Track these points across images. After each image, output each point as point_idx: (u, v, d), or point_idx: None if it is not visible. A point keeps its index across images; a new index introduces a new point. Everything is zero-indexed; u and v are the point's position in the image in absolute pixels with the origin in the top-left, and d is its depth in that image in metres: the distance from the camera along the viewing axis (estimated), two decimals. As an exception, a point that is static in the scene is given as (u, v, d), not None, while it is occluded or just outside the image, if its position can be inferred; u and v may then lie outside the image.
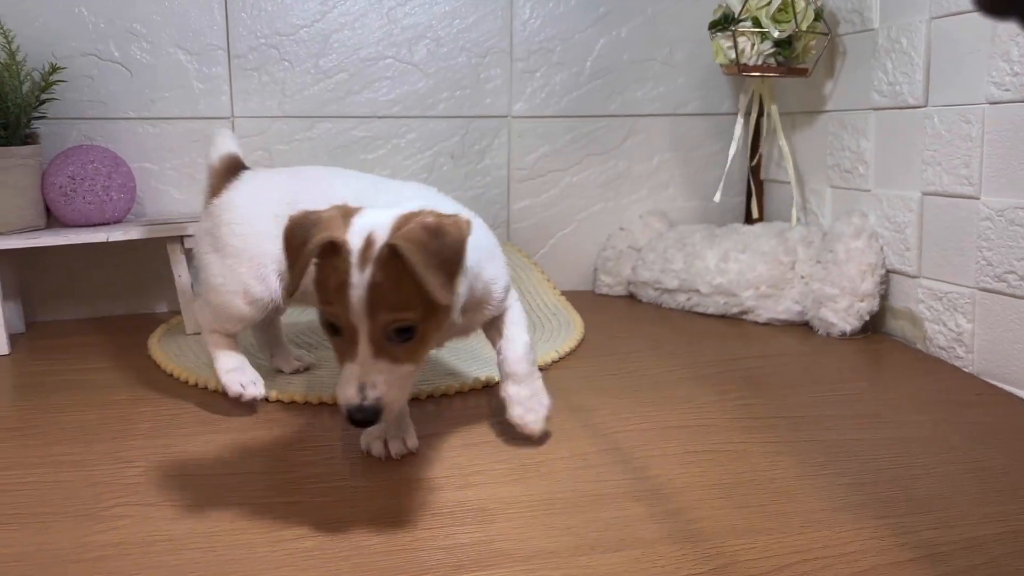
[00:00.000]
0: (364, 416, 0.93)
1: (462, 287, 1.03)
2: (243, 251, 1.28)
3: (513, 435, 1.22)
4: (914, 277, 1.69)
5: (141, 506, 1.02)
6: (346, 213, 0.97)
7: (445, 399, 1.40)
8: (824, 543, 0.93)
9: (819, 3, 1.86)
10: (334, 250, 0.94)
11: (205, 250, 1.33)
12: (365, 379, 0.93)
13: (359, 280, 0.92)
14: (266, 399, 1.37)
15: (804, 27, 1.83)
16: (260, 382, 1.33)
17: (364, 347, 0.93)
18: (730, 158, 2.09)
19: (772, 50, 1.87)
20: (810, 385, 1.47)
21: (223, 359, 1.34)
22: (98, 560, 0.90)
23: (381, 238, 0.93)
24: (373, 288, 0.91)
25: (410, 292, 0.93)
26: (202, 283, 1.35)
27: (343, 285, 0.92)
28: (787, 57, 1.88)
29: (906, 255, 1.70)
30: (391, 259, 0.92)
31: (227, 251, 1.29)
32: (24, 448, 1.20)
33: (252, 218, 1.29)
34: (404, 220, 0.95)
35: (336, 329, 0.96)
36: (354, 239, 0.94)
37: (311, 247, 0.93)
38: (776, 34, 1.85)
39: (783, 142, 2.02)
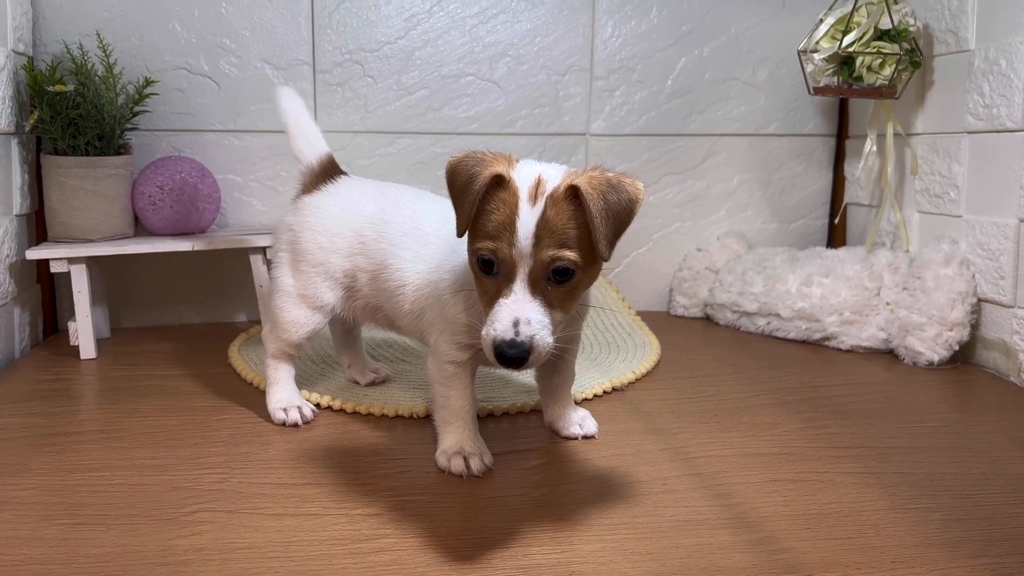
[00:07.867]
0: (516, 352, 0.93)
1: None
2: (316, 259, 1.30)
3: (588, 455, 1.21)
4: (1009, 307, 1.62)
5: (222, 512, 1.03)
6: (508, 158, 1.00)
7: (521, 416, 1.39)
8: (918, 581, 0.90)
9: (897, 23, 1.79)
10: (500, 185, 0.97)
11: (282, 247, 1.35)
12: (520, 315, 0.93)
13: (529, 214, 0.94)
14: (320, 406, 1.38)
15: (855, 48, 1.78)
16: (307, 408, 1.36)
17: (521, 284, 0.94)
18: (857, 177, 2.05)
19: (830, 69, 1.83)
20: (897, 415, 1.42)
21: (275, 392, 1.37)
22: (181, 565, 0.91)
23: (553, 179, 0.96)
24: (543, 223, 0.94)
25: (577, 235, 0.95)
26: (271, 281, 1.38)
27: (511, 218, 0.94)
28: (846, 78, 1.82)
29: (1000, 284, 1.63)
30: (565, 199, 0.95)
31: (301, 255, 1.31)
32: (110, 451, 1.23)
33: (333, 232, 1.30)
34: (576, 173, 0.98)
35: (490, 268, 0.97)
36: (522, 178, 0.97)
37: (481, 181, 0.96)
38: (816, 56, 1.81)
39: (891, 168, 1.94)
